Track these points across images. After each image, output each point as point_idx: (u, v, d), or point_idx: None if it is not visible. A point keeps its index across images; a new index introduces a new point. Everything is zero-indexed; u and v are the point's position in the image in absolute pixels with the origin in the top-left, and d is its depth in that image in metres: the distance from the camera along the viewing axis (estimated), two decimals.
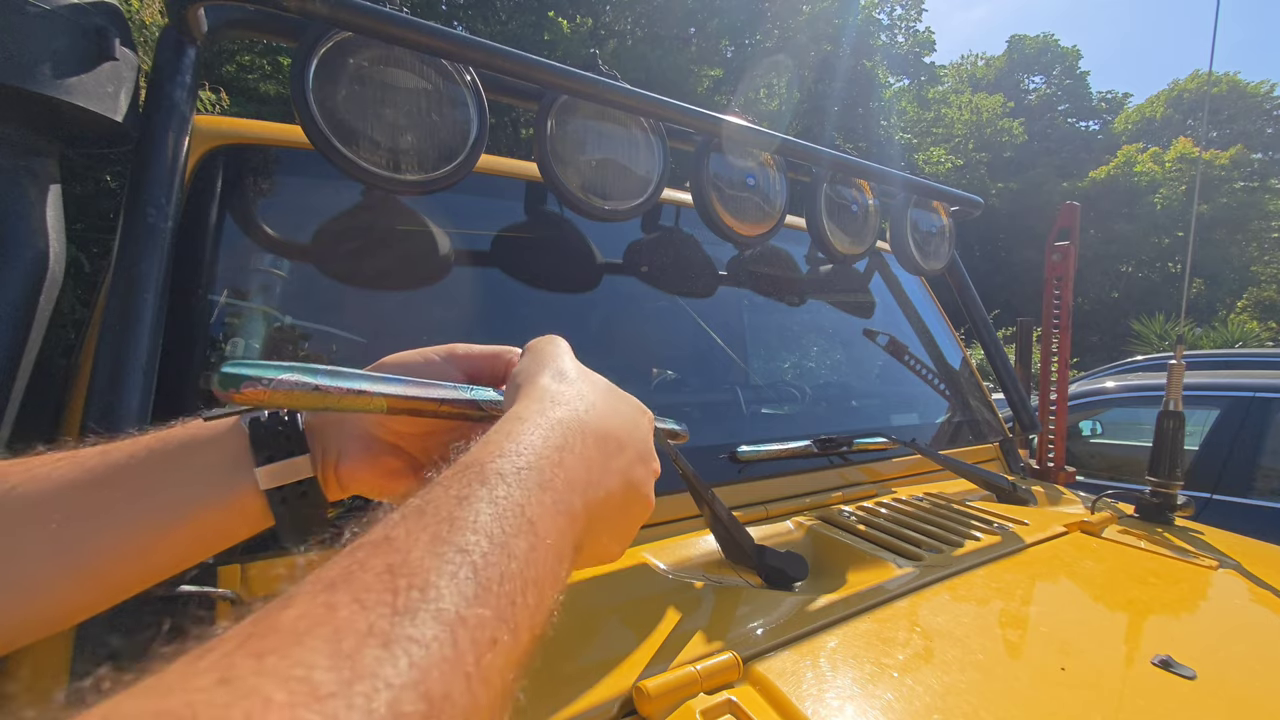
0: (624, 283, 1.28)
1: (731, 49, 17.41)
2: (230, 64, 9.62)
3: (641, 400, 0.46)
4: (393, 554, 0.23)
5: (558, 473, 0.31)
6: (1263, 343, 12.22)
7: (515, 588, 0.25)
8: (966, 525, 1.02)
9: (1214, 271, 29.74)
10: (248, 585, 0.70)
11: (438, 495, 0.27)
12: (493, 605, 0.24)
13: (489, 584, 0.24)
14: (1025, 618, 0.75)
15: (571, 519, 0.31)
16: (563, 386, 0.39)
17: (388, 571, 0.23)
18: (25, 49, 0.64)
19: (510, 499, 0.28)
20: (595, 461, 0.35)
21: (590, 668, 0.61)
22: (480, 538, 0.25)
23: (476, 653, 0.22)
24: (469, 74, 0.90)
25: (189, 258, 0.81)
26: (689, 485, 0.82)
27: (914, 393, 1.65)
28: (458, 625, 0.22)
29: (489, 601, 0.24)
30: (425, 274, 1.05)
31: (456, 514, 0.26)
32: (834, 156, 1.28)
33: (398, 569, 0.23)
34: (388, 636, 0.20)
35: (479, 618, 0.23)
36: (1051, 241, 1.84)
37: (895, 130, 22.16)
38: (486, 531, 0.26)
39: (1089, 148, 37.52)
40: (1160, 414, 1.24)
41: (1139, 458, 3.26)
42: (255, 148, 0.95)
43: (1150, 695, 0.60)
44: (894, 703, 0.56)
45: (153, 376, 0.67)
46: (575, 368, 0.43)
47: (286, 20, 0.84)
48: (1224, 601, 0.86)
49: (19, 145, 0.70)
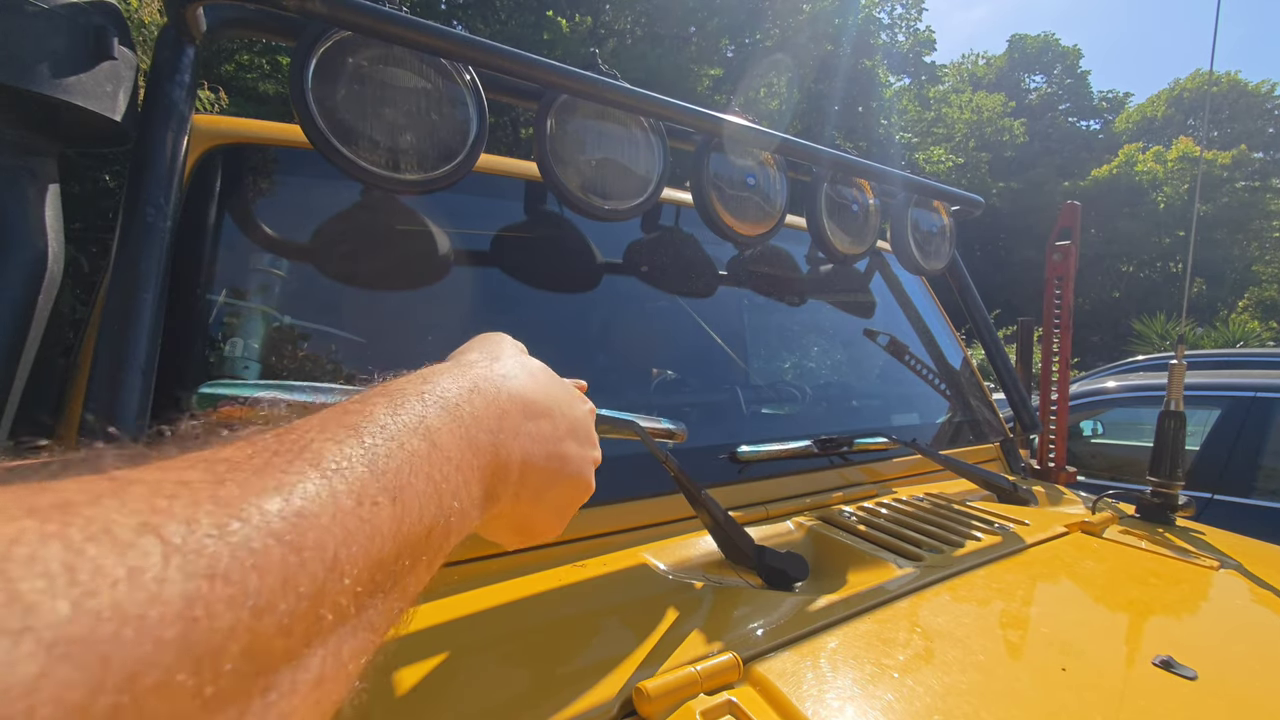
0: (624, 282, 1.28)
1: (731, 48, 17.40)
2: (229, 63, 9.62)
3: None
4: (286, 433, 0.25)
5: (464, 406, 0.33)
6: (1264, 342, 12.22)
7: (402, 467, 0.26)
8: (967, 525, 1.02)
9: (1215, 271, 29.72)
10: None
11: (340, 405, 0.29)
12: (372, 469, 0.24)
13: (375, 460, 0.25)
14: (1026, 618, 0.75)
15: (476, 451, 0.32)
16: (486, 357, 0.41)
17: (274, 437, 0.24)
18: (24, 48, 0.64)
19: (411, 410, 0.29)
20: (510, 414, 0.37)
21: (590, 668, 0.60)
22: (374, 426, 0.27)
23: (354, 501, 0.23)
24: (468, 73, 0.90)
25: (188, 257, 0.80)
26: (683, 490, 0.82)
27: (914, 393, 1.65)
28: (334, 477, 0.23)
29: (371, 466, 0.24)
30: (425, 274, 1.05)
31: (351, 409, 0.28)
32: (834, 156, 1.28)
33: (284, 435, 0.24)
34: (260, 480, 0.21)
35: (356, 474, 0.24)
36: (1052, 241, 1.84)
37: (896, 130, 22.15)
38: (381, 424, 0.27)
39: (1090, 147, 37.49)
40: (1161, 414, 1.24)
41: (1140, 458, 3.25)
42: (254, 147, 0.95)
43: (1151, 696, 0.60)
44: (894, 703, 0.56)
45: (152, 376, 0.67)
46: (510, 352, 0.45)
47: (285, 19, 0.84)
48: (1225, 602, 0.86)
49: (18, 145, 0.70)
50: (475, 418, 0.33)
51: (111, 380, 0.64)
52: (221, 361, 0.78)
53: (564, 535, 0.88)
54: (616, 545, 0.92)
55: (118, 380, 0.64)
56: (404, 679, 0.57)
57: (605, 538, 0.92)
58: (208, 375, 0.78)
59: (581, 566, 0.85)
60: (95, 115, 0.71)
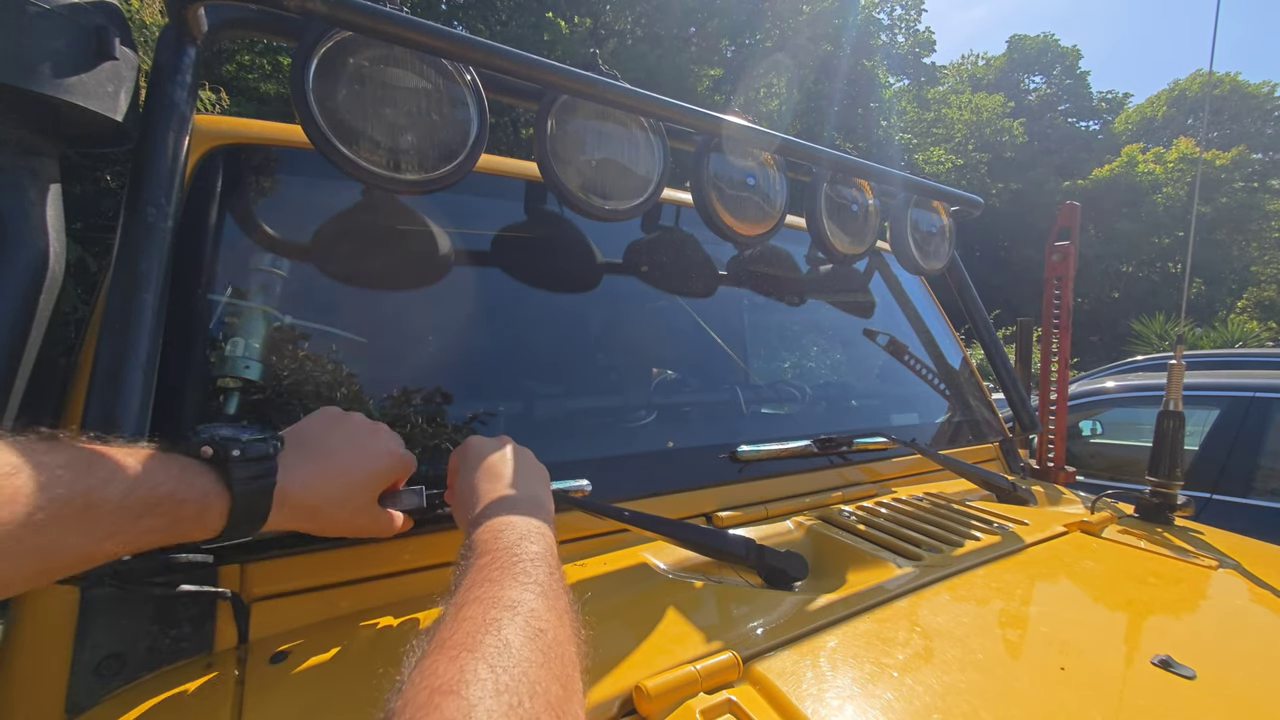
0: (624, 282, 1.28)
1: (731, 49, 17.40)
2: (230, 63, 9.62)
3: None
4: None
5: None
6: (1263, 343, 12.20)
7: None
8: (966, 525, 1.02)
9: (1214, 272, 29.72)
10: (247, 585, 0.71)
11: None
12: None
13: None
14: (1025, 618, 0.75)
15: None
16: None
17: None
18: (25, 48, 0.64)
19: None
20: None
21: (590, 667, 0.60)
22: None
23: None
24: (469, 73, 0.90)
25: (189, 257, 0.81)
26: (652, 530, 0.83)
27: (914, 393, 1.65)
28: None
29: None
30: (425, 274, 1.05)
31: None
32: (834, 156, 1.28)
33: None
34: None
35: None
36: (1051, 241, 1.84)
37: (895, 130, 22.16)
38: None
39: (1089, 148, 37.49)
40: (1160, 414, 1.24)
41: (1139, 458, 3.25)
42: (255, 147, 0.95)
43: (1150, 695, 0.60)
44: (894, 703, 0.56)
45: (153, 376, 0.67)
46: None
47: (286, 20, 0.84)
48: (1224, 601, 0.86)
49: (19, 145, 0.70)
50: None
51: (112, 380, 0.64)
52: (222, 361, 0.78)
53: (564, 535, 0.89)
54: (616, 545, 0.92)
55: (118, 380, 0.64)
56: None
57: (605, 537, 0.92)
58: (209, 375, 0.78)
59: (581, 566, 0.85)
60: (96, 115, 0.71)
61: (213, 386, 0.78)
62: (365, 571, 0.77)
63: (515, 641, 0.39)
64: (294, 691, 0.59)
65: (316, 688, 0.60)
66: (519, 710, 0.33)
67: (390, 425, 0.71)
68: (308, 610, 0.72)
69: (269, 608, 0.71)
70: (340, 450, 0.63)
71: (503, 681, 0.35)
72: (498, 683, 0.34)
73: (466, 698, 0.32)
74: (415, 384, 0.94)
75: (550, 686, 0.37)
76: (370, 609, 0.74)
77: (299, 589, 0.73)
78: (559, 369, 1.16)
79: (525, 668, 0.37)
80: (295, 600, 0.73)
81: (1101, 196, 30.00)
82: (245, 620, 0.69)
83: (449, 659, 0.36)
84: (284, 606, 0.72)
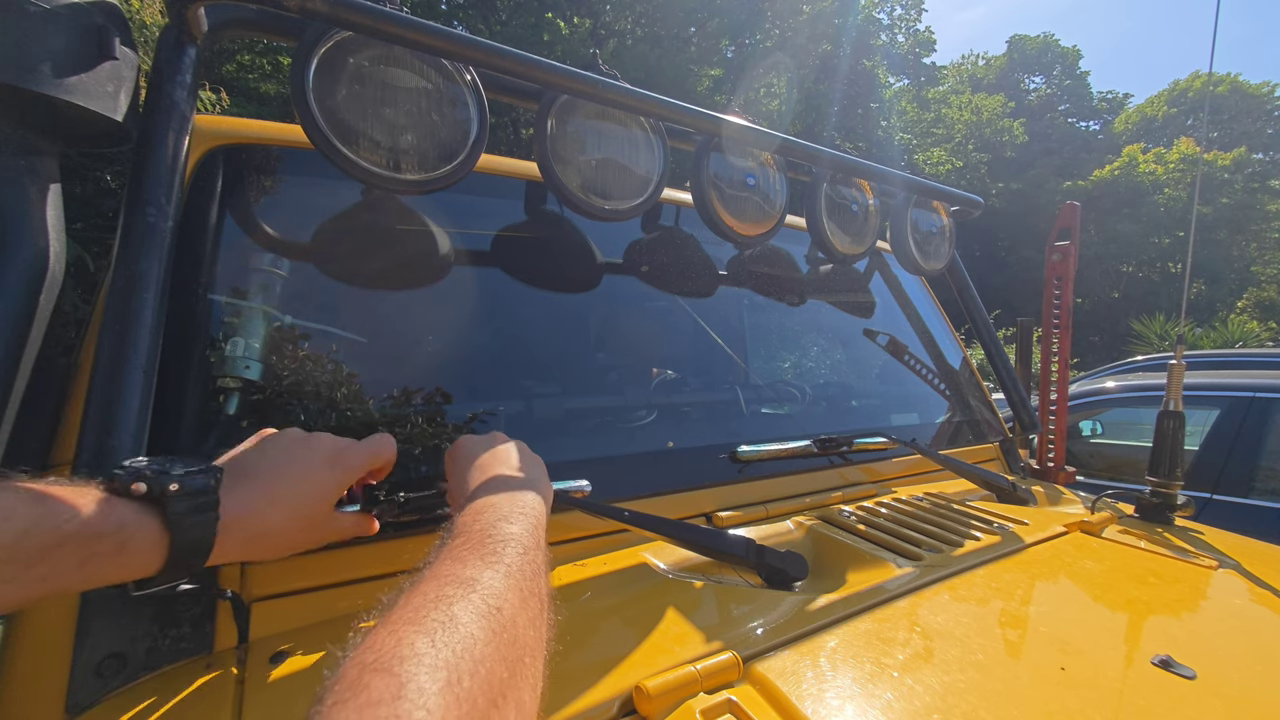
0: (624, 283, 1.28)
1: (731, 49, 17.41)
2: (230, 63, 9.63)
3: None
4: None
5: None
6: (1263, 343, 12.21)
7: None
8: (966, 525, 1.02)
9: (1215, 272, 29.72)
10: (247, 585, 0.71)
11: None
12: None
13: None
14: (1025, 618, 0.75)
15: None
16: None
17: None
18: (25, 48, 0.64)
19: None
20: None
21: (590, 667, 0.61)
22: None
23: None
24: (469, 73, 0.90)
25: (189, 257, 0.81)
26: (652, 529, 0.83)
27: (914, 393, 1.65)
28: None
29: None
30: (425, 274, 1.05)
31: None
32: (834, 156, 1.28)
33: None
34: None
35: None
36: (1052, 241, 1.84)
37: (895, 130, 22.16)
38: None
39: (1089, 148, 37.49)
40: (1160, 414, 1.24)
41: (1139, 458, 3.25)
42: (255, 147, 0.95)
43: (1150, 695, 0.60)
44: (894, 702, 0.56)
45: (153, 376, 0.67)
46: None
47: (286, 19, 0.84)
48: (1224, 601, 0.86)
49: (19, 144, 0.70)
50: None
51: (112, 380, 0.64)
52: (222, 361, 0.78)
53: (564, 535, 0.89)
54: (616, 545, 0.92)
55: (118, 380, 0.64)
56: None
57: (605, 537, 0.92)
58: (209, 375, 0.78)
59: (582, 566, 0.85)
60: (96, 115, 0.71)
61: (213, 386, 0.78)
62: (365, 572, 0.77)
63: (463, 617, 0.37)
64: (294, 691, 0.59)
65: (316, 688, 0.59)
66: (455, 689, 0.32)
67: (390, 425, 0.71)
68: (308, 610, 0.72)
69: (269, 608, 0.71)
70: (280, 468, 0.61)
71: (441, 657, 0.33)
72: (436, 659, 0.33)
73: (399, 675, 0.31)
74: (415, 384, 0.94)
75: (495, 668, 0.35)
76: (370, 609, 0.74)
77: (299, 589, 0.73)
78: (559, 369, 1.16)
79: (469, 645, 0.35)
80: (295, 600, 0.73)
81: (1102, 197, 30.00)
82: (245, 620, 0.69)
83: (389, 632, 0.35)
84: (284, 607, 0.72)
